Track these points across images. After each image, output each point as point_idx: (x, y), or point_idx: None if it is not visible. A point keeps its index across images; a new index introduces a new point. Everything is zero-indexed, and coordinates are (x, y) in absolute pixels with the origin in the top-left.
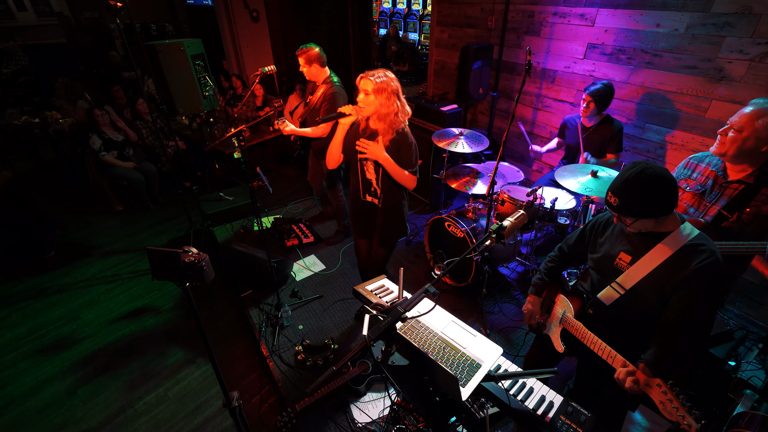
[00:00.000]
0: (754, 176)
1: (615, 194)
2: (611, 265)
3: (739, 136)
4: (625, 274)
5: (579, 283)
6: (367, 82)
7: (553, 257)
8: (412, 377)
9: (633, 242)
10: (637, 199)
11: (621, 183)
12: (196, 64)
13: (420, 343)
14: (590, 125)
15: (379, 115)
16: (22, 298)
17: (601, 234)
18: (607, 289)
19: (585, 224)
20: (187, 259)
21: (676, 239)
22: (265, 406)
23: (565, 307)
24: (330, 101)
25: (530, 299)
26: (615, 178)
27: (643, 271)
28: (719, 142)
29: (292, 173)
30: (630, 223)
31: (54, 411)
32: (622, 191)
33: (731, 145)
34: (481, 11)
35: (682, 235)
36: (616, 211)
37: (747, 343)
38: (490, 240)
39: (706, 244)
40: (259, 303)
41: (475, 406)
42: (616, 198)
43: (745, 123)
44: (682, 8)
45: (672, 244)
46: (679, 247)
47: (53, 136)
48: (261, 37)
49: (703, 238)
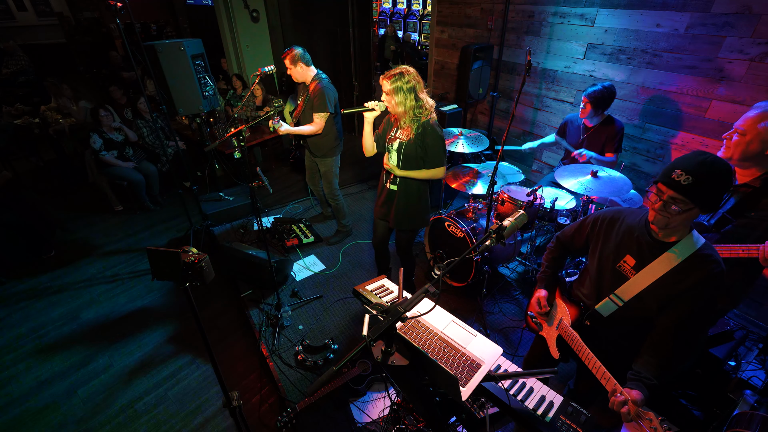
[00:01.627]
0: (761, 180)
1: (689, 172)
2: (613, 267)
3: (743, 139)
4: (627, 284)
5: (576, 291)
6: (384, 83)
7: (552, 248)
8: (412, 377)
9: (641, 247)
10: (709, 183)
11: (697, 163)
12: (196, 64)
13: (420, 343)
14: (592, 125)
15: (400, 113)
16: (22, 298)
17: (604, 232)
18: (605, 301)
19: (586, 216)
20: (187, 259)
21: (684, 248)
22: (265, 406)
23: (563, 314)
24: (320, 96)
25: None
26: (680, 159)
27: (647, 281)
28: (725, 146)
29: (292, 173)
30: (675, 213)
31: (54, 411)
32: (698, 170)
33: (736, 148)
34: (481, 11)
35: (690, 245)
36: (680, 192)
37: (747, 343)
38: (490, 240)
39: (713, 255)
40: (259, 303)
41: (475, 406)
42: (689, 176)
43: (748, 127)
44: (682, 8)
45: (680, 252)
46: (687, 256)
47: (53, 136)
48: (261, 37)
49: (709, 247)
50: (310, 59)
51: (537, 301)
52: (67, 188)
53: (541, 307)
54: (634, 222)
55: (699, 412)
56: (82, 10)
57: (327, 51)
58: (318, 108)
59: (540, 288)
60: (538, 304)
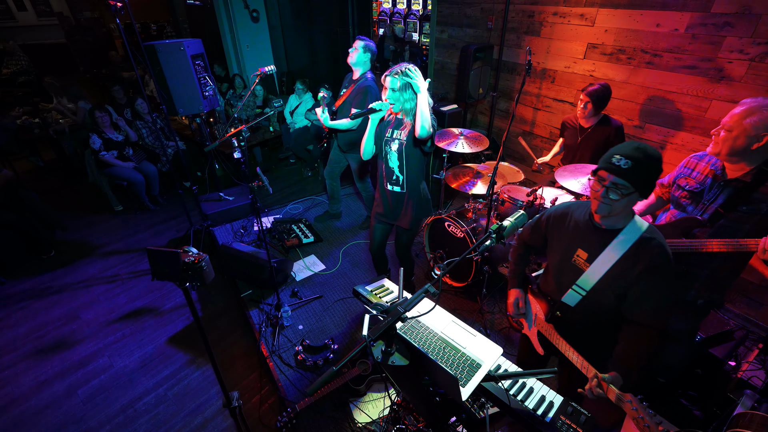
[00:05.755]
0: (751, 175)
1: (627, 157)
2: (569, 262)
3: (730, 135)
4: (585, 275)
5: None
6: (393, 80)
7: (515, 246)
8: (412, 377)
9: (589, 239)
10: (646, 166)
11: (633, 149)
12: (196, 64)
13: (420, 343)
14: (588, 126)
15: (404, 110)
16: (22, 298)
17: (557, 228)
18: (569, 292)
19: (541, 214)
20: (187, 259)
21: (630, 234)
22: (265, 406)
23: (536, 309)
24: (362, 93)
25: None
26: (616, 147)
27: (602, 270)
28: (713, 142)
29: (292, 173)
30: (617, 200)
31: (54, 411)
32: (635, 155)
33: (723, 144)
34: (481, 11)
35: (634, 230)
36: (621, 175)
37: (747, 343)
38: (490, 240)
39: (656, 237)
40: (259, 303)
41: (475, 406)
42: (629, 160)
43: (734, 123)
44: (682, 8)
45: (627, 238)
46: (633, 242)
47: (53, 136)
48: (261, 37)
49: (653, 231)
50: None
51: (514, 303)
52: (67, 188)
53: (519, 308)
54: (580, 216)
55: (699, 412)
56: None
57: (327, 51)
58: (357, 105)
59: (513, 288)
60: (516, 305)
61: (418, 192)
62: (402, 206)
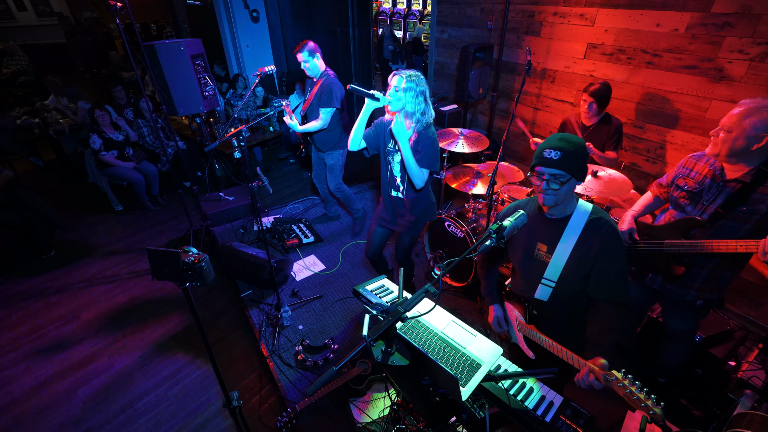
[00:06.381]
0: (750, 175)
1: (556, 148)
2: (533, 258)
3: (729, 136)
4: (549, 266)
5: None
6: (399, 79)
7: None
8: (412, 377)
9: (544, 231)
10: (574, 152)
11: (557, 139)
12: (196, 64)
13: (420, 343)
14: (590, 124)
15: (406, 113)
16: (22, 298)
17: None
18: (540, 287)
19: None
20: (187, 259)
21: (578, 219)
22: (265, 406)
23: (515, 315)
24: (328, 92)
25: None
26: (543, 143)
27: (564, 257)
28: (712, 143)
29: (292, 173)
30: (558, 189)
31: (54, 411)
32: (561, 145)
33: (722, 145)
34: (481, 11)
35: (581, 214)
36: (556, 166)
37: (747, 343)
38: (490, 240)
39: (602, 216)
40: (259, 303)
41: (475, 406)
42: (558, 151)
43: (733, 123)
44: (682, 8)
45: (577, 223)
46: (583, 227)
47: (53, 136)
48: (261, 38)
49: (597, 211)
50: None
51: (495, 322)
52: (67, 188)
53: (501, 326)
54: (531, 212)
55: (699, 412)
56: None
57: (327, 51)
58: (325, 103)
59: (491, 305)
60: (497, 324)
61: (422, 198)
62: (406, 211)
